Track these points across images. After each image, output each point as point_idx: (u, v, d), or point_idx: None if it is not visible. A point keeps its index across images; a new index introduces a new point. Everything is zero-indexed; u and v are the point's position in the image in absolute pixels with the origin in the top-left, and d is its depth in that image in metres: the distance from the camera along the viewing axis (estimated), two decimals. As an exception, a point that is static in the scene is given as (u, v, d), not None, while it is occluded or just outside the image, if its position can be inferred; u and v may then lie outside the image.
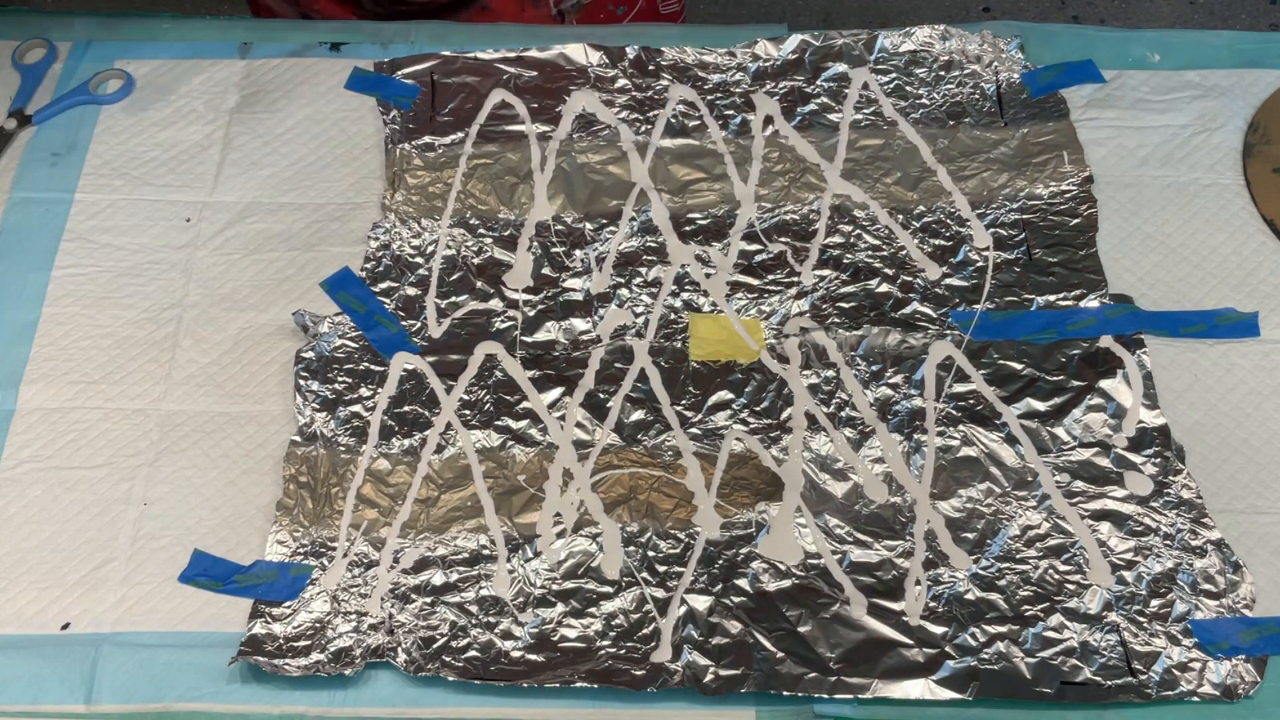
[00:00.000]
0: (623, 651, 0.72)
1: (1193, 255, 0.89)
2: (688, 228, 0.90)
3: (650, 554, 0.76)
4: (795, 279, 0.88)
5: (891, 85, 0.97)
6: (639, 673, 0.72)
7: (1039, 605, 0.74)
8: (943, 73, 0.98)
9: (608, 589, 0.75)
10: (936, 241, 0.89)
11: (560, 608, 0.74)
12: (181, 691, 0.72)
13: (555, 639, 0.73)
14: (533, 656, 0.72)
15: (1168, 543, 0.76)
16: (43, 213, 0.91)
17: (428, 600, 0.74)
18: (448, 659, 0.72)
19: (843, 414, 0.82)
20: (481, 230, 0.90)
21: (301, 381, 0.82)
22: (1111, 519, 0.77)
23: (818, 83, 0.97)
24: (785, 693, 0.71)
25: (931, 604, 0.74)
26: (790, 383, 0.83)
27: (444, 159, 0.93)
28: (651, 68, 0.98)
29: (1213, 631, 0.73)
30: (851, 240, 0.89)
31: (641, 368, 0.84)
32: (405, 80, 0.97)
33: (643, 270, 0.88)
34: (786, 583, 0.75)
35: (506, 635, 0.73)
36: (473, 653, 0.72)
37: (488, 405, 0.82)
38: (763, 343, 0.85)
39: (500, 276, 0.88)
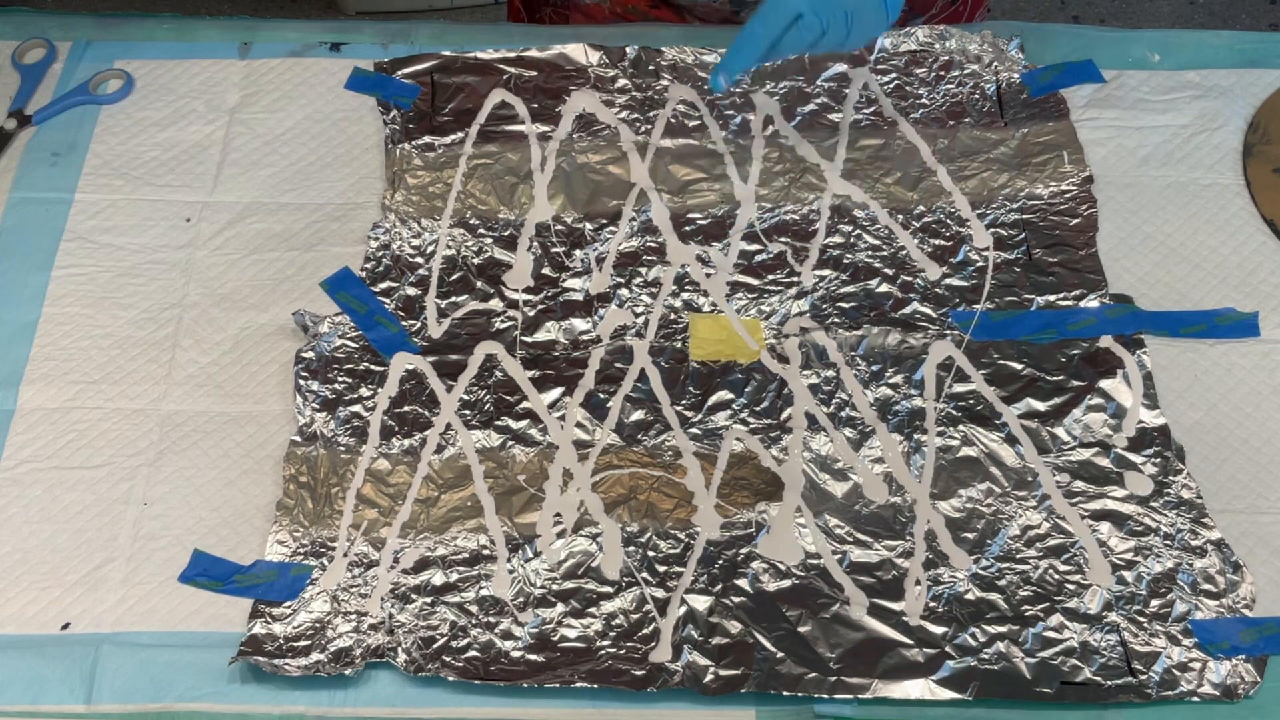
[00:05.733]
0: (623, 651, 0.73)
1: (1193, 255, 0.89)
2: (688, 228, 0.90)
3: (650, 554, 0.76)
4: (795, 279, 0.88)
5: (891, 85, 0.97)
6: (639, 673, 0.72)
7: (1039, 605, 0.74)
8: (943, 73, 0.98)
9: (608, 589, 0.75)
10: (936, 241, 0.89)
11: (560, 608, 0.74)
12: (181, 691, 0.72)
13: (555, 639, 0.73)
14: (533, 656, 0.72)
15: (1168, 543, 0.76)
16: (43, 213, 0.91)
17: (428, 600, 0.74)
18: (448, 659, 0.72)
19: (843, 414, 0.82)
20: (481, 230, 0.90)
21: (301, 381, 0.82)
22: (1111, 519, 0.77)
23: (818, 83, 0.97)
24: (785, 693, 0.71)
25: (931, 604, 0.74)
26: (790, 383, 0.83)
27: (444, 159, 0.93)
28: (651, 68, 0.98)
29: (1213, 631, 0.73)
30: (851, 240, 0.89)
31: (641, 368, 0.84)
32: (405, 80, 0.97)
33: (643, 270, 0.88)
34: (786, 583, 0.75)
35: (506, 635, 0.73)
36: (473, 653, 0.72)
37: (488, 405, 0.82)
38: (763, 343, 0.85)
39: (500, 276, 0.88)
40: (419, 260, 0.88)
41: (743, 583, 0.75)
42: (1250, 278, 0.88)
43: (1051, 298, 0.86)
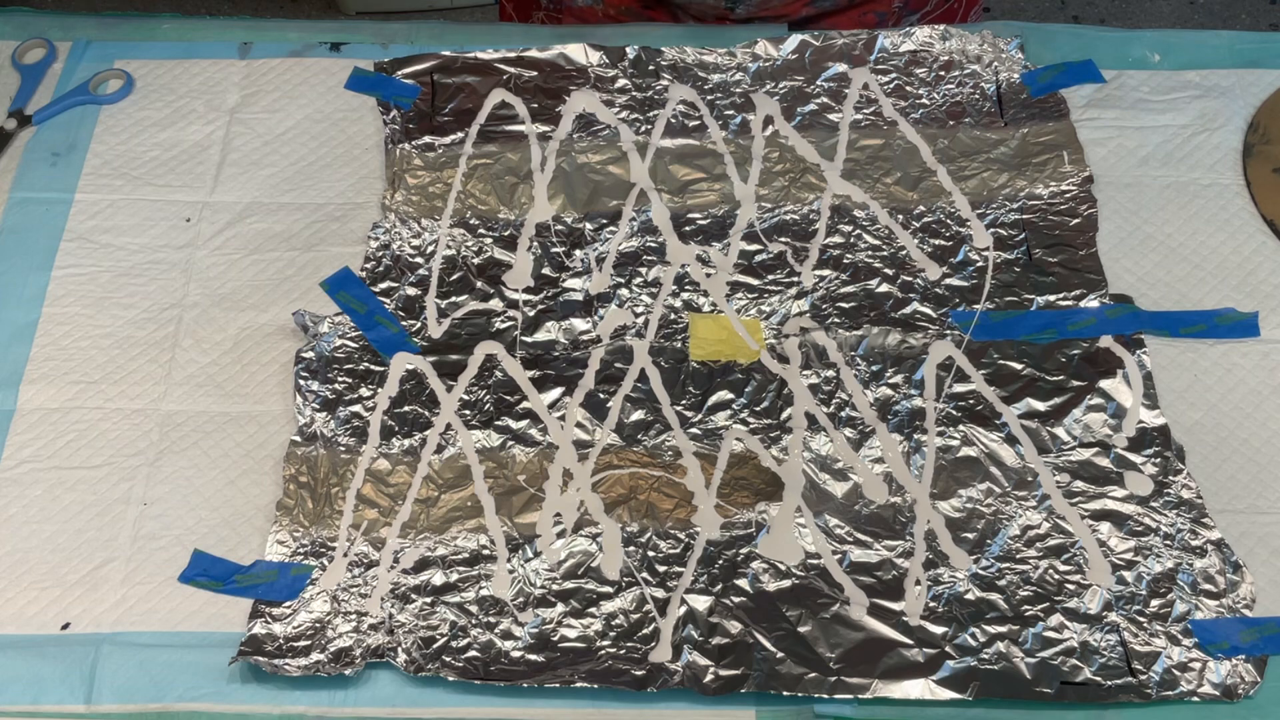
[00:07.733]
0: (623, 651, 0.73)
1: (1193, 255, 0.89)
2: (688, 228, 0.90)
3: (650, 554, 0.76)
4: (795, 279, 0.88)
5: (891, 85, 0.97)
6: (639, 673, 0.72)
7: (1039, 605, 0.74)
8: (943, 73, 0.98)
9: (608, 589, 0.75)
10: (936, 241, 0.89)
11: (560, 608, 0.74)
12: (181, 691, 0.72)
13: (555, 639, 0.73)
14: (533, 656, 0.72)
15: (1168, 543, 0.76)
16: (43, 213, 0.91)
17: (428, 600, 0.74)
18: (448, 659, 0.72)
19: (843, 414, 0.82)
20: (481, 230, 0.90)
21: (301, 381, 0.82)
22: (1111, 519, 0.77)
23: (818, 83, 0.97)
24: (785, 693, 0.71)
25: (931, 604, 0.74)
26: (790, 383, 0.83)
27: (444, 159, 0.93)
28: (651, 68, 0.98)
29: (1213, 631, 0.73)
30: (851, 240, 0.89)
31: (641, 368, 0.84)
32: (405, 80, 0.97)
33: (643, 270, 0.88)
34: (786, 583, 0.75)
35: (506, 635, 0.73)
36: (473, 653, 0.72)
37: (488, 405, 0.82)
38: (763, 343, 0.85)
39: (500, 276, 0.88)
40: (419, 260, 0.88)
41: (743, 583, 0.75)
42: (1250, 278, 0.88)
43: (1051, 298, 0.86)
